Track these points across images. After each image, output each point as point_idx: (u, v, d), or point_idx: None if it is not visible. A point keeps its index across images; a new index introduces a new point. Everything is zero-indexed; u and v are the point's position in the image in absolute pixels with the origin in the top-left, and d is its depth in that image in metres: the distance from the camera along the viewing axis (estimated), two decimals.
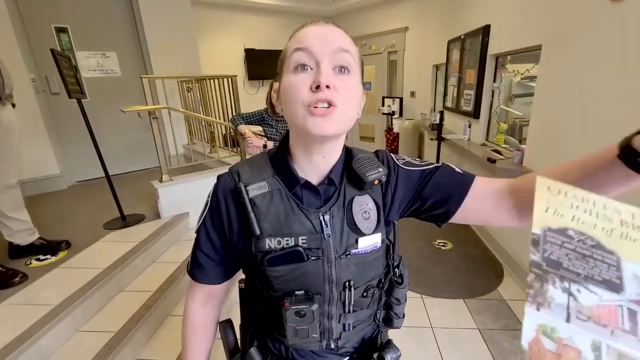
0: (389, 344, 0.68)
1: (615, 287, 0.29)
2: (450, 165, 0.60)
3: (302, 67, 0.48)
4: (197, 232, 0.60)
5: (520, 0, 2.33)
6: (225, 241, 0.58)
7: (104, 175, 2.55)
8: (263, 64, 5.49)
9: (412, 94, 5.28)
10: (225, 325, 0.69)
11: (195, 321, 0.65)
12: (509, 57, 2.77)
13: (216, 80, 3.68)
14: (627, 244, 0.31)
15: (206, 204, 0.58)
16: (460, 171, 0.58)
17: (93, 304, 1.76)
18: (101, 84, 3.89)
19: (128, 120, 3.82)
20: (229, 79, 3.44)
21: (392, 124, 5.37)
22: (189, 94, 4.23)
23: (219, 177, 0.58)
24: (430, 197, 0.57)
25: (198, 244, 0.60)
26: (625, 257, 0.30)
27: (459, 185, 0.56)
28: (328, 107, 0.46)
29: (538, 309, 0.27)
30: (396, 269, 0.64)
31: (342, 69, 0.49)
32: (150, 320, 1.74)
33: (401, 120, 5.16)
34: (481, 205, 0.55)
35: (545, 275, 0.29)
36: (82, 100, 2.40)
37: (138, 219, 2.68)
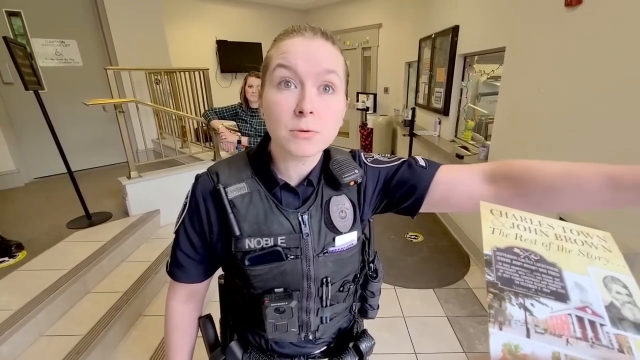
0: (364, 333, 0.71)
1: (561, 297, 0.30)
2: (416, 157, 0.61)
3: (286, 83, 0.47)
4: (176, 232, 0.60)
5: (486, 4, 2.44)
6: (205, 241, 0.58)
7: (65, 171, 2.41)
8: (236, 56, 5.36)
9: (386, 90, 5.38)
10: (205, 320, 0.69)
11: (177, 319, 0.65)
12: (476, 58, 2.89)
13: (187, 73, 3.56)
14: (563, 256, 0.34)
15: (185, 205, 0.58)
16: (424, 164, 0.59)
17: (58, 307, 1.67)
18: (60, 74, 3.65)
19: (92, 113, 3.62)
20: (201, 72, 3.34)
21: (366, 120, 5.45)
22: (158, 86, 4.07)
23: (197, 178, 0.58)
24: (397, 191, 0.59)
25: (177, 244, 0.60)
26: (564, 268, 0.33)
27: (423, 177, 0.57)
28: (310, 132, 0.47)
29: (500, 329, 0.28)
30: (371, 264, 0.67)
31: (327, 88, 0.48)
32: (120, 322, 1.69)
33: (375, 115, 5.24)
34: (450, 192, 0.56)
35: (501, 294, 0.30)
36: (40, 91, 2.25)
37: (105, 217, 2.57)
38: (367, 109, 5.43)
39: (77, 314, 1.71)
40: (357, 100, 5.58)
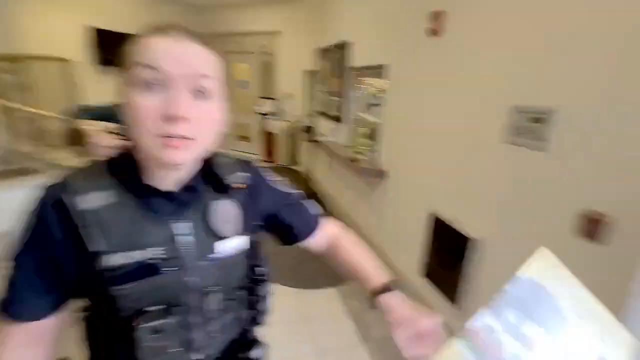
0: (254, 342, 0.69)
1: None
2: (309, 203, 0.71)
3: (149, 85, 0.43)
4: (15, 258, 0.47)
5: (370, 25, 2.73)
6: (54, 265, 0.48)
7: None
8: (118, 48, 4.64)
9: (287, 96, 5.46)
10: None
11: None
12: (366, 71, 3.20)
13: (44, 62, 2.93)
14: None
15: (26, 222, 0.47)
16: (315, 213, 0.70)
17: None
18: None
19: None
20: (62, 62, 2.79)
21: (267, 125, 5.44)
22: (5, 76, 3.23)
23: (43, 190, 0.48)
24: (283, 221, 0.66)
25: (17, 272, 0.48)
26: None
27: (311, 228, 0.69)
28: (182, 140, 0.44)
29: None
30: (259, 268, 0.65)
31: (200, 93, 0.45)
32: None
33: (277, 121, 5.28)
34: (317, 243, 0.71)
35: None
36: None
37: None
38: (269, 113, 5.43)
39: None
40: (258, 105, 5.53)
